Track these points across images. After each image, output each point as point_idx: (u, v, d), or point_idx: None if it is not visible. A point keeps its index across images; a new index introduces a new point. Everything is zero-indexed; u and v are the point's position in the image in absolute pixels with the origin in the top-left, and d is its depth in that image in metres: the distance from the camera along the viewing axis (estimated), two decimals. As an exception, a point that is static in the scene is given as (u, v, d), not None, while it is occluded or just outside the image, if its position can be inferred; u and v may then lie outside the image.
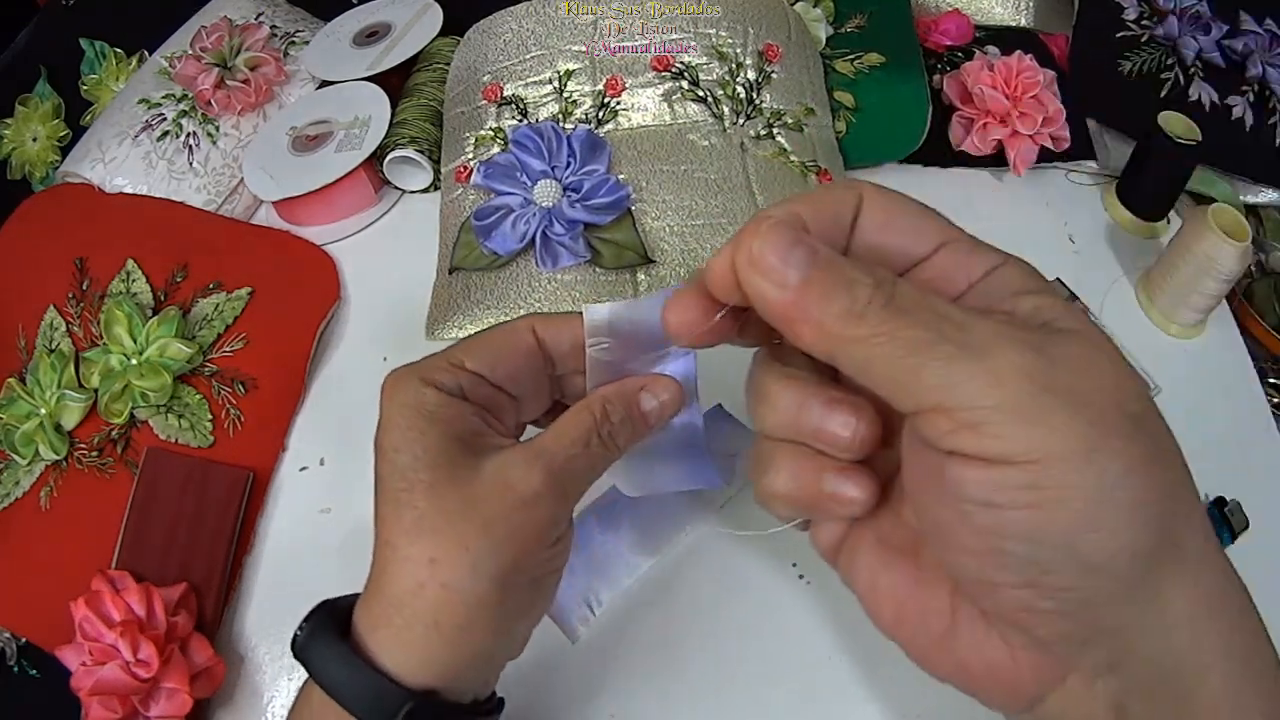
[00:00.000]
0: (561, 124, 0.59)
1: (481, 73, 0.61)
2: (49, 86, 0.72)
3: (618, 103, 0.59)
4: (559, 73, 0.60)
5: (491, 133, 0.59)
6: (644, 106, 0.59)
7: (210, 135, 0.64)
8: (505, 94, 0.60)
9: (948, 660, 0.25)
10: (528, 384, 0.34)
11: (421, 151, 0.61)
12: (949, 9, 0.70)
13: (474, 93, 0.61)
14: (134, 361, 0.52)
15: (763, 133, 0.59)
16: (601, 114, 0.59)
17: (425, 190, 0.63)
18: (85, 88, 0.71)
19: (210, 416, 0.52)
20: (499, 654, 0.33)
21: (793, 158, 0.59)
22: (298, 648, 0.31)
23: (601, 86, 0.59)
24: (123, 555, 0.47)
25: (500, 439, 0.32)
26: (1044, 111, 0.61)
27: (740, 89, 0.60)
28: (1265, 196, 0.67)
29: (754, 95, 0.60)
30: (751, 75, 0.60)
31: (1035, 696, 0.24)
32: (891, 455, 0.27)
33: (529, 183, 0.56)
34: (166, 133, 0.63)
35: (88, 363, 0.53)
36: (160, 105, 0.65)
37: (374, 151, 0.60)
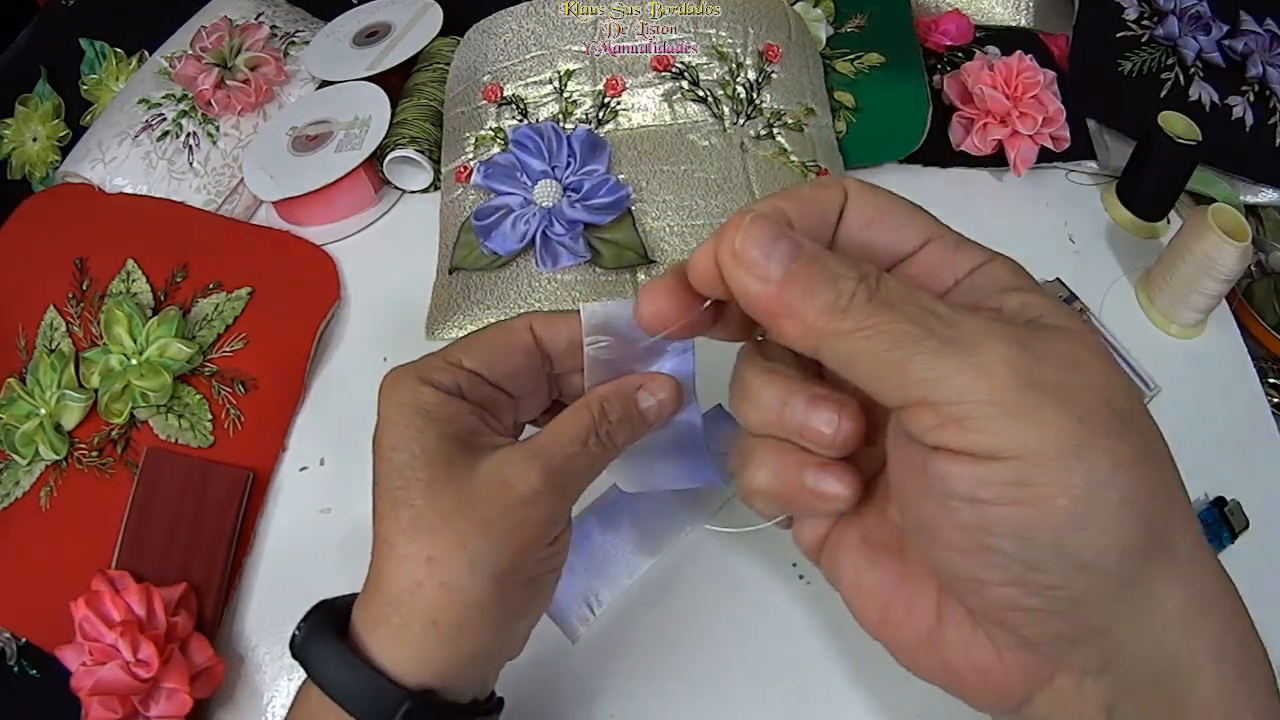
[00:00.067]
0: (561, 124, 0.59)
1: (481, 73, 0.61)
2: (49, 86, 0.72)
3: (618, 103, 0.59)
4: (559, 73, 0.60)
5: (491, 133, 0.59)
6: (644, 106, 0.59)
7: (210, 135, 0.64)
8: (505, 94, 0.60)
9: (933, 660, 0.25)
10: (526, 383, 0.34)
11: (421, 151, 0.61)
12: (949, 9, 0.70)
13: (474, 93, 0.61)
14: (134, 361, 0.52)
15: (763, 133, 0.59)
16: (601, 114, 0.59)
17: (425, 190, 0.63)
18: (85, 88, 0.71)
19: (210, 416, 0.52)
20: (497, 653, 0.33)
21: (793, 158, 0.59)
22: (296, 647, 0.31)
23: (601, 86, 0.59)
24: (123, 555, 0.47)
25: (498, 438, 0.32)
26: (1044, 111, 0.61)
27: (740, 89, 0.60)
28: (1265, 196, 0.67)
29: (754, 95, 0.60)
30: (751, 75, 0.60)
31: (1023, 697, 0.23)
32: (876, 453, 0.27)
33: (529, 183, 0.56)
34: (166, 133, 0.63)
35: (88, 363, 0.53)
36: (160, 105, 0.65)
37: (374, 151, 0.60)
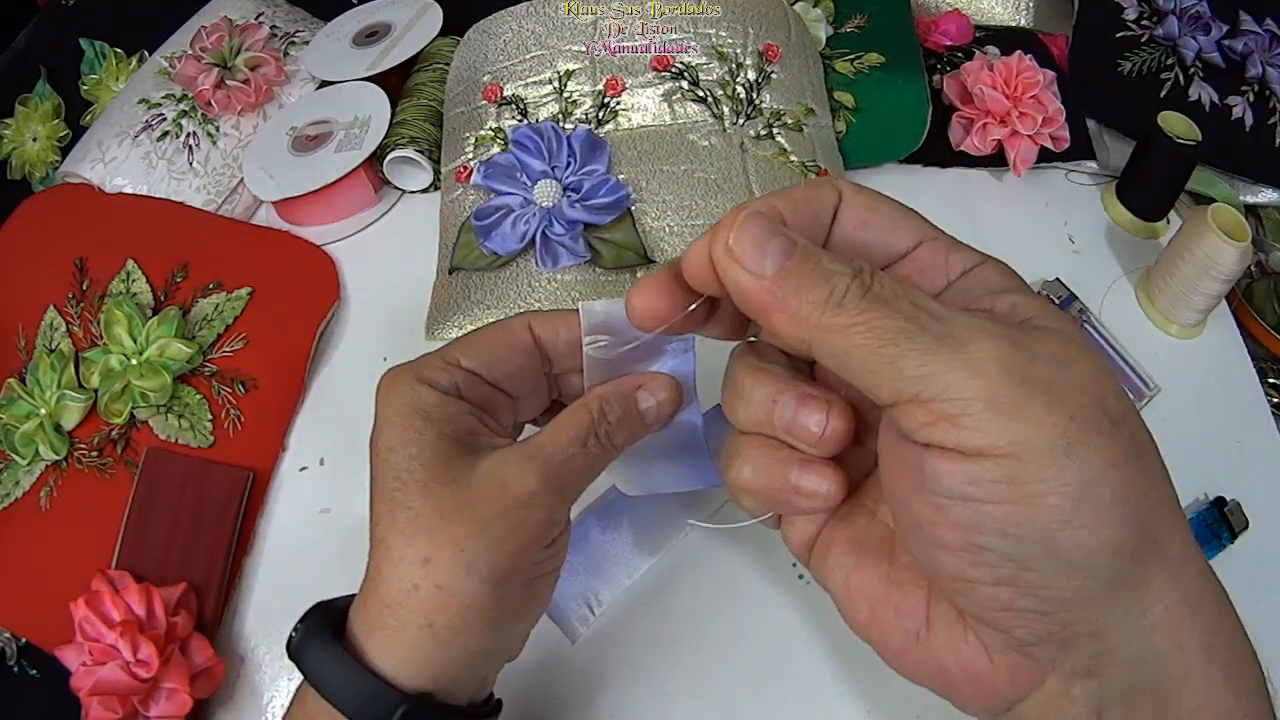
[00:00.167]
0: (561, 124, 0.59)
1: (481, 73, 0.61)
2: (49, 86, 0.72)
3: (618, 103, 0.59)
4: (559, 73, 0.60)
5: (491, 133, 0.59)
6: (644, 106, 0.59)
7: (210, 135, 0.64)
8: (505, 94, 0.60)
9: (922, 661, 0.25)
10: (525, 382, 0.34)
11: (421, 151, 0.61)
12: (949, 9, 0.70)
13: (474, 93, 0.61)
14: (134, 361, 0.52)
15: (763, 133, 0.59)
16: (601, 114, 0.59)
17: (425, 190, 0.63)
18: (85, 88, 0.71)
19: (210, 416, 0.52)
20: (495, 655, 0.33)
21: (793, 158, 0.59)
22: (292, 649, 0.30)
23: (601, 86, 0.59)
24: (123, 555, 0.47)
25: (496, 438, 0.32)
26: (1044, 111, 0.61)
27: (740, 89, 0.60)
28: (1265, 196, 0.67)
29: (754, 95, 0.60)
30: (751, 75, 0.60)
31: (1012, 699, 0.23)
32: (865, 455, 0.27)
33: (529, 183, 0.56)
34: (166, 133, 0.63)
35: (88, 363, 0.53)
36: (160, 105, 0.65)
37: (374, 151, 0.60)
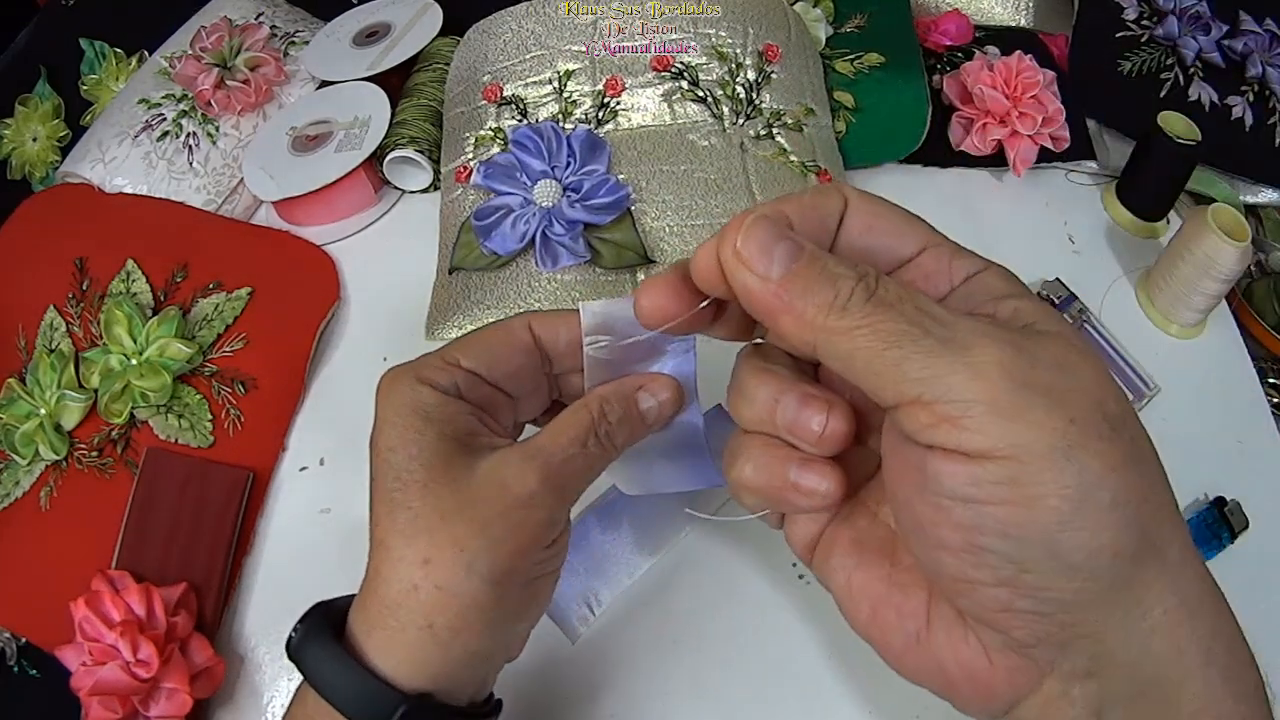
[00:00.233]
0: (561, 124, 0.59)
1: (481, 73, 0.61)
2: (49, 86, 0.72)
3: (618, 103, 0.59)
4: (559, 73, 0.60)
5: (491, 133, 0.59)
6: (644, 106, 0.59)
7: (210, 135, 0.64)
8: (505, 94, 0.60)
9: (922, 662, 0.25)
10: (525, 383, 0.34)
11: (421, 151, 0.61)
12: (949, 9, 0.70)
13: (474, 93, 0.61)
14: (134, 361, 0.52)
15: (763, 133, 0.59)
16: (601, 114, 0.59)
17: (425, 190, 0.63)
18: (85, 88, 0.71)
19: (210, 416, 0.52)
20: (495, 656, 0.32)
21: (793, 158, 0.59)
22: (292, 649, 0.30)
23: (601, 86, 0.59)
24: (123, 555, 0.47)
25: (496, 439, 0.32)
26: (1044, 111, 0.61)
27: (740, 89, 0.60)
28: (1265, 196, 0.67)
29: (754, 95, 0.60)
30: (751, 75, 0.60)
31: (1011, 701, 0.24)
32: (867, 457, 0.27)
33: (529, 183, 0.56)
34: (166, 133, 0.63)
35: (88, 363, 0.53)
36: (160, 105, 0.65)
37: (374, 151, 0.60)
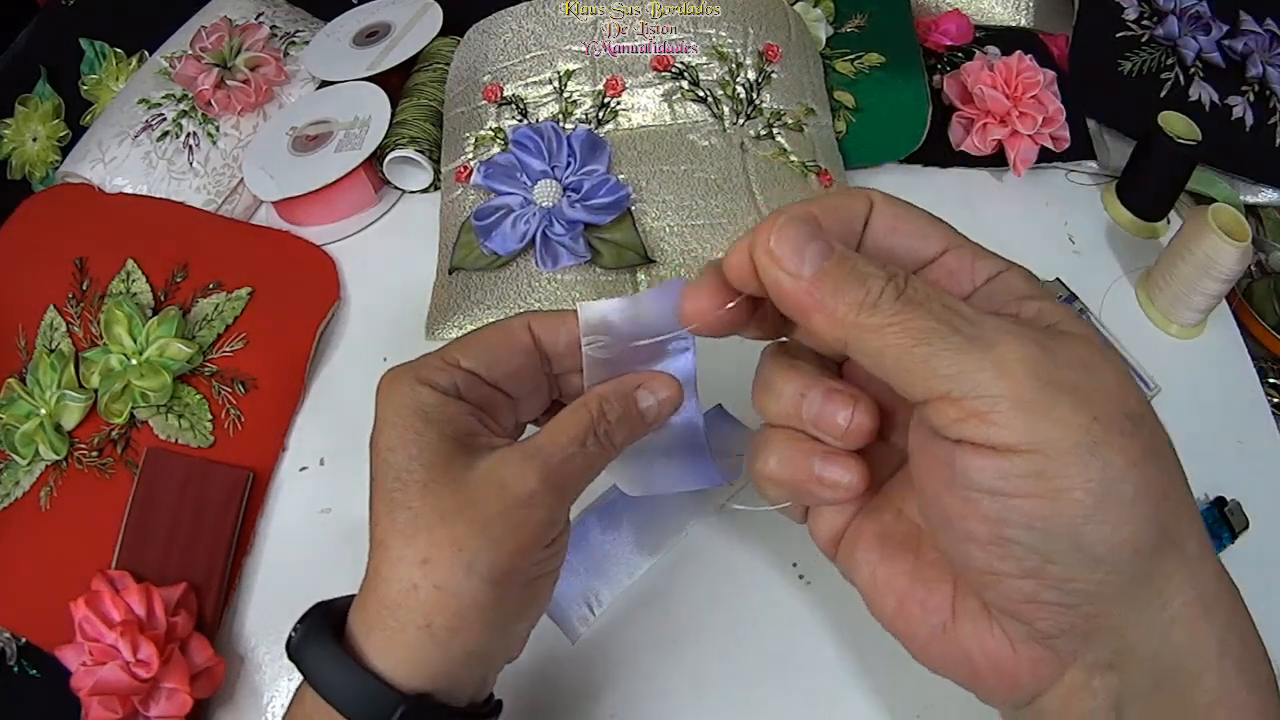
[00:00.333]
0: (561, 124, 0.59)
1: (481, 73, 0.61)
2: (49, 86, 0.72)
3: (618, 103, 0.59)
4: (559, 73, 0.60)
5: (491, 133, 0.59)
6: (644, 106, 0.59)
7: (210, 135, 0.64)
8: (505, 94, 0.60)
9: (947, 653, 0.25)
10: (525, 383, 0.34)
11: (421, 151, 0.61)
12: (949, 9, 0.70)
13: (474, 93, 0.61)
14: (134, 361, 0.52)
15: (763, 133, 0.59)
16: (601, 114, 0.59)
17: (425, 190, 0.63)
18: (85, 88, 0.71)
19: (210, 416, 0.52)
20: (494, 656, 0.32)
21: (793, 158, 0.59)
22: (292, 649, 0.30)
23: (601, 86, 0.59)
24: (123, 555, 0.47)
25: (495, 439, 0.32)
26: (1044, 111, 0.61)
27: (740, 89, 0.60)
28: (1265, 196, 0.67)
29: (754, 95, 0.60)
30: (751, 75, 0.60)
31: (1034, 691, 0.24)
32: (890, 453, 0.28)
33: (529, 183, 0.56)
34: (166, 133, 0.63)
35: (88, 363, 0.53)
36: (160, 105, 0.65)
37: (374, 151, 0.60)
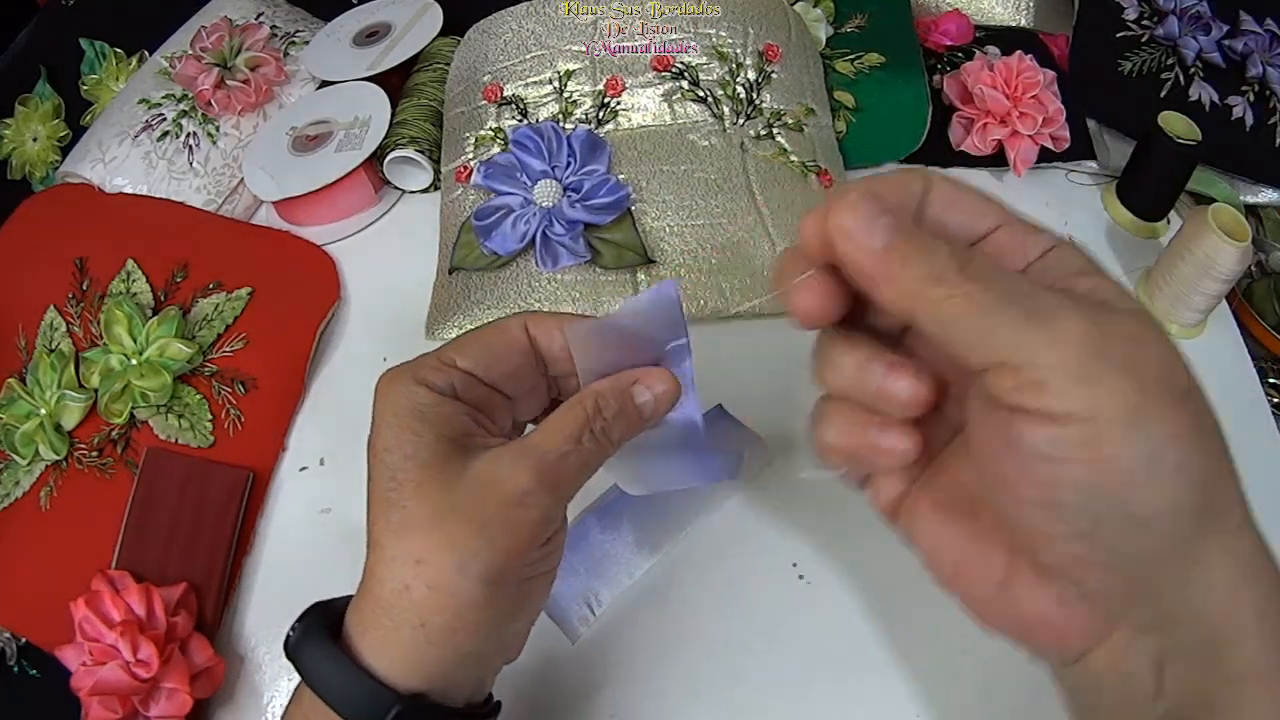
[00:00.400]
0: (561, 124, 0.59)
1: (481, 73, 0.61)
2: (49, 86, 0.72)
3: (618, 103, 0.59)
4: (559, 73, 0.60)
5: (491, 133, 0.59)
6: (644, 106, 0.59)
7: (210, 135, 0.64)
8: (505, 94, 0.60)
9: (1002, 612, 0.27)
10: (522, 382, 0.34)
11: (421, 151, 0.61)
12: (949, 9, 0.70)
13: (474, 93, 0.61)
14: (134, 361, 0.52)
15: (763, 133, 0.59)
16: (601, 114, 0.59)
17: (425, 190, 0.63)
18: (85, 88, 0.71)
19: (210, 416, 0.52)
20: (489, 656, 0.32)
21: (793, 158, 0.59)
22: (289, 648, 0.31)
23: (601, 86, 0.59)
24: (123, 555, 0.47)
25: (491, 439, 0.32)
26: (1044, 111, 0.61)
27: (740, 89, 0.60)
28: (1265, 196, 0.67)
29: (754, 95, 0.60)
30: (751, 75, 0.60)
31: (1082, 650, 0.25)
32: (946, 424, 0.29)
33: (529, 183, 0.56)
34: (166, 133, 0.63)
35: (88, 363, 0.53)
36: (160, 105, 0.65)
37: (374, 151, 0.60)
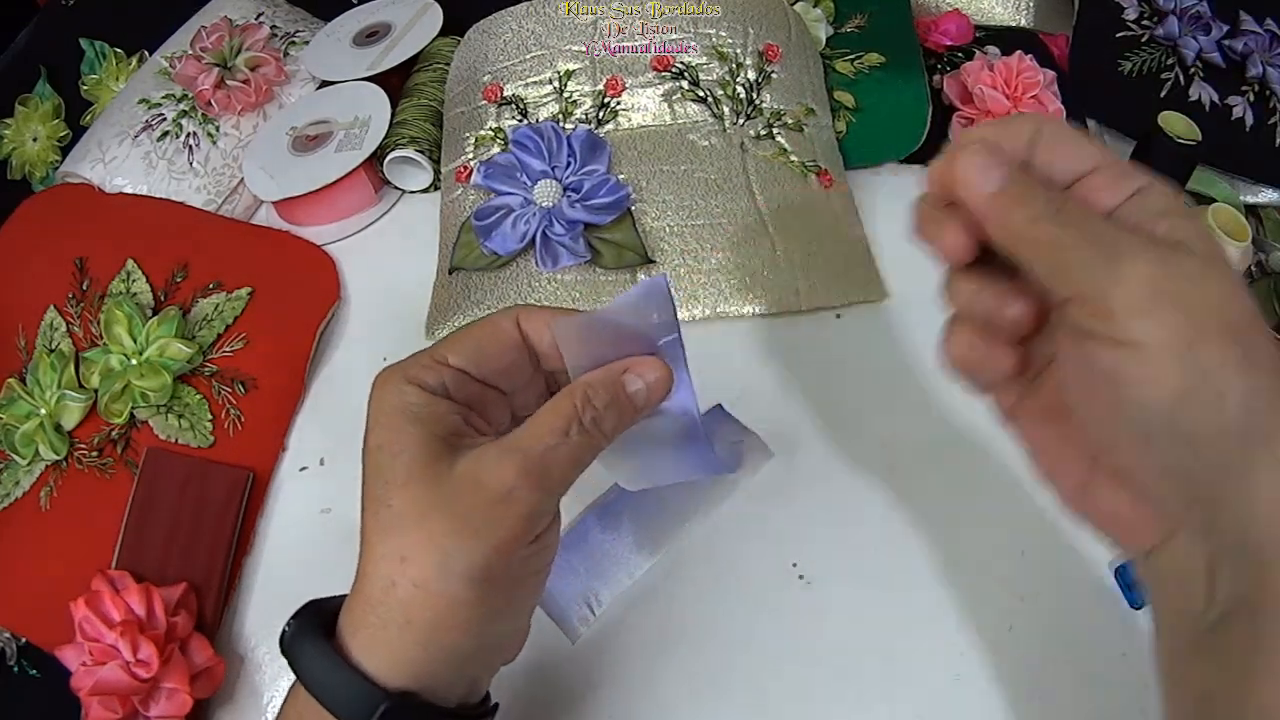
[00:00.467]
0: (561, 124, 0.59)
1: (481, 73, 0.61)
2: (49, 86, 0.71)
3: (618, 103, 0.59)
4: (559, 73, 0.60)
5: (491, 133, 0.59)
6: (644, 106, 0.59)
7: (210, 135, 0.64)
8: (505, 94, 0.60)
9: (1085, 506, 0.31)
10: (517, 378, 0.34)
11: (421, 151, 0.61)
12: (949, 9, 0.70)
13: (474, 93, 0.61)
14: (134, 361, 0.52)
15: (763, 133, 0.59)
16: (601, 114, 0.59)
17: (425, 190, 0.63)
18: (85, 88, 0.71)
19: (210, 416, 0.52)
20: (481, 655, 0.32)
21: (793, 158, 0.59)
22: (284, 644, 0.31)
23: (601, 86, 0.59)
24: (123, 555, 0.47)
25: (480, 437, 0.32)
26: (1044, 111, 0.61)
27: (740, 89, 0.60)
28: (1265, 196, 0.67)
29: (754, 95, 0.60)
30: (751, 75, 0.60)
31: (1152, 544, 0.29)
32: (1050, 344, 0.32)
33: (529, 183, 0.56)
34: (166, 133, 0.63)
35: (88, 363, 0.53)
36: (160, 105, 0.65)
37: (374, 151, 0.60)
